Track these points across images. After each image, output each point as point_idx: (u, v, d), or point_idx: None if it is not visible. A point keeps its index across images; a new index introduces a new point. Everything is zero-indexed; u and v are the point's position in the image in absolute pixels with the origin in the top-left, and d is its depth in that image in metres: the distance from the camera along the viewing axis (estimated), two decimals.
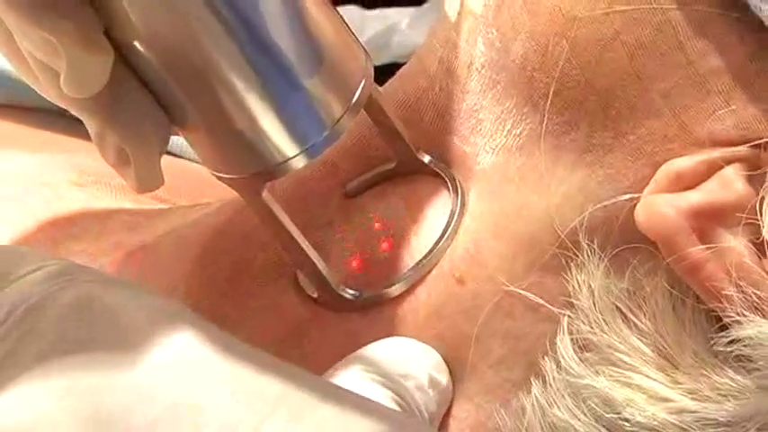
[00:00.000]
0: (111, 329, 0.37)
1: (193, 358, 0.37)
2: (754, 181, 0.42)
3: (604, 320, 0.43)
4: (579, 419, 0.43)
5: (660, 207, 0.42)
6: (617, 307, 0.43)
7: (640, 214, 0.42)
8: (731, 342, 0.41)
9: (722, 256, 0.41)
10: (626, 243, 0.43)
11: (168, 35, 0.39)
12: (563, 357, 0.43)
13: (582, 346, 0.43)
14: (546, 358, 0.44)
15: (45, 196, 0.55)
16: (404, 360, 0.44)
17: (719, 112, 0.42)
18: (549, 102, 0.44)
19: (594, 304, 0.43)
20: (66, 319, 0.37)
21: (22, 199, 0.55)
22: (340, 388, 0.39)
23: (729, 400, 0.41)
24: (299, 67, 0.41)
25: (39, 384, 0.36)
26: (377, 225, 0.47)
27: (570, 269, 0.43)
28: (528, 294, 0.44)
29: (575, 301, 0.43)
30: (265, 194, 0.43)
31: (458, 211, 0.46)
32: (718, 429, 0.41)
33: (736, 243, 0.41)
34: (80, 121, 0.42)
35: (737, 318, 0.41)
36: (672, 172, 0.42)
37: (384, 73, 0.48)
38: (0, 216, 0.54)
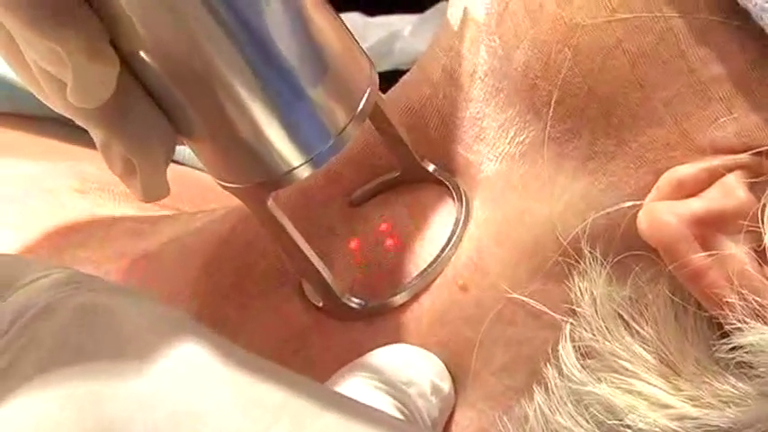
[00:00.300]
0: (113, 337, 0.37)
1: (195, 366, 0.37)
2: (755, 188, 0.42)
3: (606, 328, 0.43)
4: (581, 426, 0.43)
5: (662, 214, 0.42)
6: (619, 314, 0.43)
7: (642, 221, 0.42)
8: (732, 349, 0.41)
9: (724, 264, 0.41)
10: (628, 250, 0.43)
11: (172, 42, 0.39)
12: (565, 364, 0.43)
13: (584, 354, 0.43)
14: (548, 365, 0.44)
15: (46, 201, 0.55)
16: (406, 367, 0.44)
17: (721, 120, 0.42)
18: (551, 110, 0.44)
19: (596, 311, 0.43)
20: (69, 327, 0.37)
21: (22, 200, 0.55)
22: (342, 396, 0.39)
23: (730, 407, 0.41)
24: (303, 76, 0.41)
25: (38, 393, 0.36)
26: (381, 234, 0.47)
27: (572, 276, 0.44)
28: (530, 301, 0.44)
29: (577, 309, 0.43)
30: (270, 203, 0.43)
31: (462, 219, 0.46)
32: None
33: (737, 250, 0.41)
34: (83, 130, 0.42)
35: (739, 325, 0.41)
36: (674, 179, 0.42)
37: (386, 80, 0.47)
38: (1, 217, 0.54)
